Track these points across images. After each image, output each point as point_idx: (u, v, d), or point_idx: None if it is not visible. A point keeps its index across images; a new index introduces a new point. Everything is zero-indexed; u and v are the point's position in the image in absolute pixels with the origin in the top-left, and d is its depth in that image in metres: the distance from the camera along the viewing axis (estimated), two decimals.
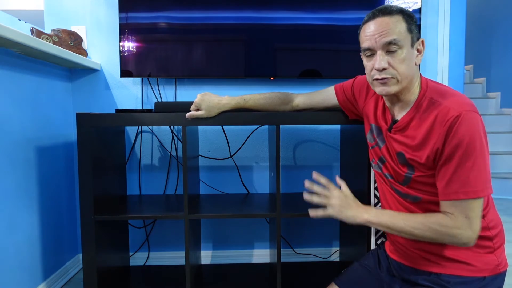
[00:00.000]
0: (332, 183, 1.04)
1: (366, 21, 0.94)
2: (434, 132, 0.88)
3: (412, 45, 0.92)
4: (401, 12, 0.91)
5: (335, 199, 1.01)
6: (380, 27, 0.91)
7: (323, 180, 1.04)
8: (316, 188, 1.03)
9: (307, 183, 1.03)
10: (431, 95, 0.93)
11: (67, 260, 1.71)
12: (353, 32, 0.90)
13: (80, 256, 1.81)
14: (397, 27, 0.90)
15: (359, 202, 1.02)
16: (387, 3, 1.70)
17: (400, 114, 0.98)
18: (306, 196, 1.03)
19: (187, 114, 1.25)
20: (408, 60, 0.91)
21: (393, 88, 0.93)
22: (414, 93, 0.95)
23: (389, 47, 0.90)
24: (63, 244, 1.67)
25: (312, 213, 1.02)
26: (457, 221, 0.87)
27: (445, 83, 1.88)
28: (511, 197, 3.10)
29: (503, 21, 3.88)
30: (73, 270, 1.74)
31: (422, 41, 0.94)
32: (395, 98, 0.97)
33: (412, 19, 0.92)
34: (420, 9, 1.72)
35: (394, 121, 1.00)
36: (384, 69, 0.91)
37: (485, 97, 4.00)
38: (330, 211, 1.00)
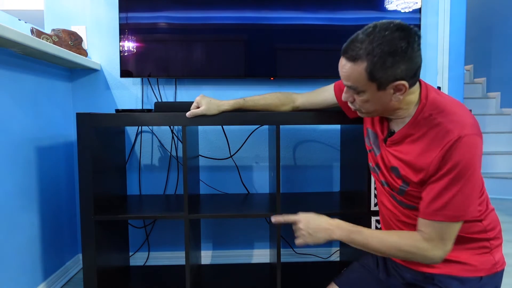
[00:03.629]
0: (292, 216, 1.01)
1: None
2: (431, 153, 0.85)
3: (380, 88, 0.86)
4: (368, 55, 0.82)
5: (302, 231, 0.98)
6: (343, 69, 0.88)
7: (280, 218, 1.02)
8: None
9: (273, 219, 1.02)
10: (430, 110, 0.88)
11: (67, 260, 1.71)
12: (353, 32, 0.89)
13: (80, 256, 1.81)
14: (355, 76, 0.86)
15: (327, 218, 0.99)
16: (386, 3, 1.69)
17: (397, 126, 0.95)
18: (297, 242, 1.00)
19: (188, 113, 1.24)
20: (375, 100, 0.88)
21: (366, 115, 0.95)
22: (409, 109, 0.91)
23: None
24: (63, 244, 1.67)
25: (296, 241, 1.01)
26: (431, 243, 0.86)
27: (445, 83, 1.88)
28: (511, 197, 3.10)
29: (503, 21, 3.88)
30: (73, 270, 1.74)
31: (402, 84, 0.84)
32: (385, 116, 0.97)
33: (384, 62, 0.81)
34: (420, 9, 1.72)
35: (390, 133, 0.98)
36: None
37: (485, 97, 4.00)
38: (302, 241, 0.99)
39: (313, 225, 0.97)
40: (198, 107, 1.24)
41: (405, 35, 0.82)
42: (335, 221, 0.98)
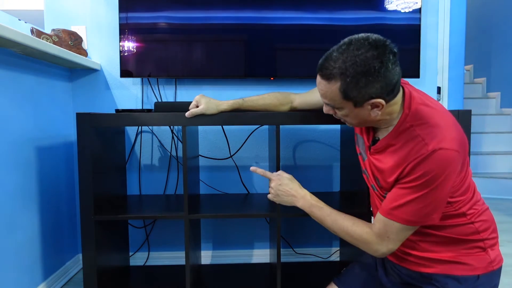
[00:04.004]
0: (268, 173, 1.13)
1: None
2: (404, 163, 0.86)
3: (357, 106, 0.86)
4: (342, 75, 0.82)
5: (272, 189, 1.10)
6: (318, 85, 0.90)
7: (259, 171, 1.13)
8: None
9: (252, 168, 1.13)
10: (411, 121, 0.87)
11: (67, 260, 1.71)
12: (353, 32, 0.89)
13: (80, 256, 1.81)
14: (330, 95, 0.87)
15: (297, 186, 1.08)
16: (386, 3, 1.69)
17: (381, 135, 0.96)
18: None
19: (187, 113, 1.24)
20: (353, 115, 0.90)
21: (352, 125, 0.96)
22: (392, 119, 0.91)
23: None
24: (63, 244, 1.67)
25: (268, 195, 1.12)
26: (377, 238, 0.92)
27: (445, 83, 1.88)
28: (511, 197, 3.10)
29: (503, 21, 3.88)
30: (73, 270, 1.74)
31: (379, 102, 0.84)
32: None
33: (356, 84, 0.82)
34: (420, 9, 1.71)
35: (374, 141, 0.98)
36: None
37: (485, 97, 4.00)
38: (270, 197, 1.11)
39: (282, 189, 1.07)
40: (197, 106, 1.24)
41: (379, 54, 0.81)
42: (303, 191, 1.07)
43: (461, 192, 0.90)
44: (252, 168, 1.12)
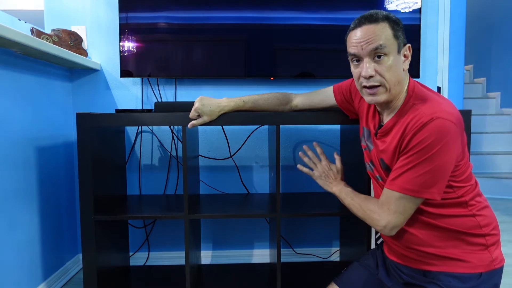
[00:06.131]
0: (324, 155, 1.21)
1: (353, 28, 0.94)
2: (404, 134, 0.90)
3: (399, 51, 0.92)
4: (387, 18, 0.91)
5: (318, 171, 1.20)
6: (366, 34, 0.91)
7: (318, 149, 1.21)
8: (306, 159, 1.22)
9: (301, 153, 1.23)
10: (414, 101, 0.93)
11: (67, 260, 1.71)
12: None
13: (80, 256, 1.81)
14: (383, 34, 0.90)
15: (340, 177, 1.19)
16: (386, 3, 1.69)
17: (387, 119, 1.00)
18: (299, 166, 1.21)
19: (189, 125, 1.23)
20: (395, 67, 0.92)
21: (382, 97, 0.93)
22: (400, 99, 0.96)
23: (376, 53, 0.90)
24: (63, 244, 1.67)
25: (300, 166, 1.21)
26: (379, 208, 0.95)
27: (445, 83, 1.88)
28: (511, 197, 3.10)
29: (503, 21, 3.88)
30: (73, 270, 1.74)
31: (409, 47, 0.95)
32: (384, 104, 0.98)
33: (398, 25, 0.92)
34: (420, 9, 1.71)
35: (380, 126, 1.02)
36: (371, 76, 0.92)
37: (485, 97, 4.00)
38: (313, 174, 1.21)
39: (326, 175, 1.19)
40: (198, 114, 1.23)
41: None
42: (340, 182, 1.17)
43: (465, 178, 0.93)
44: (305, 147, 1.23)
